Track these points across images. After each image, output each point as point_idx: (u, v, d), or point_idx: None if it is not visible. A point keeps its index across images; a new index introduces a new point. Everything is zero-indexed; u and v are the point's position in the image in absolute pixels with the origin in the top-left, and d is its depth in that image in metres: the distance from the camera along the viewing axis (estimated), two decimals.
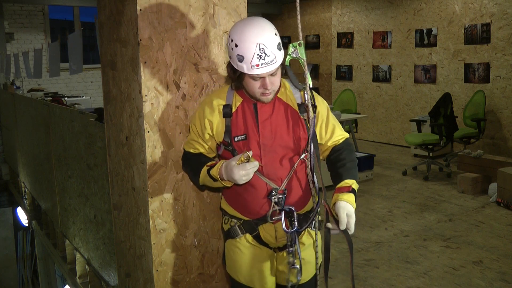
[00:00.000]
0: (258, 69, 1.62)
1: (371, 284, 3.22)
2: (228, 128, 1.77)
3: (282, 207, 1.75)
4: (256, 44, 1.60)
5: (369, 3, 8.09)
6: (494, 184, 4.92)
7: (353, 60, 8.52)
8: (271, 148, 1.77)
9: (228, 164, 1.71)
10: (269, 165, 1.76)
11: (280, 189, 1.76)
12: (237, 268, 1.87)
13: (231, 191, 1.86)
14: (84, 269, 3.79)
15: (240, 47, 1.61)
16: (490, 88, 6.43)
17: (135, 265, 2.27)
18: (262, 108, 1.78)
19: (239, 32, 1.63)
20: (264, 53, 1.60)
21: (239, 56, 1.62)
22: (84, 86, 9.35)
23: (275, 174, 1.77)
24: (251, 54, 1.60)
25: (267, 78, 1.67)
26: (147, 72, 1.96)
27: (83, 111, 3.72)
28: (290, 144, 1.78)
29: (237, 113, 1.79)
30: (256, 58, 1.60)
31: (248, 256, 1.84)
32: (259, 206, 1.79)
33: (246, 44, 1.60)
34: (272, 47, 1.62)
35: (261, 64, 1.61)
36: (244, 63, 1.62)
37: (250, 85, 1.70)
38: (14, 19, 8.68)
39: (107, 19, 2.21)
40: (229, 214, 1.89)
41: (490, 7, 6.32)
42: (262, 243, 1.84)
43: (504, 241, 3.88)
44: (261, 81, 1.68)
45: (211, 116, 1.79)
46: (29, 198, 6.00)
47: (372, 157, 5.92)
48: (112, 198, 2.47)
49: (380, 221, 4.41)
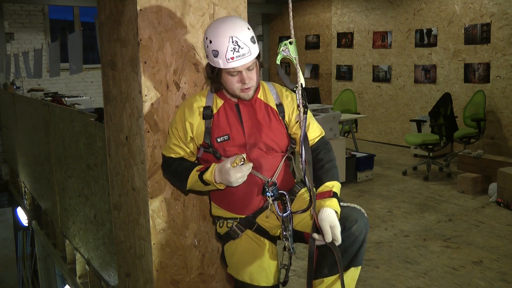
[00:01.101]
0: (233, 62, 1.65)
1: (371, 284, 3.22)
2: (208, 130, 1.79)
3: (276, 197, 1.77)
4: (229, 38, 1.63)
5: (369, 3, 8.09)
6: (494, 184, 4.92)
7: (353, 60, 8.52)
8: (256, 146, 1.80)
9: (222, 168, 1.70)
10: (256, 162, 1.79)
11: (271, 181, 1.78)
12: (240, 268, 1.85)
13: (220, 195, 1.86)
14: (84, 269, 3.79)
15: (214, 42, 1.66)
16: (490, 88, 6.43)
17: (135, 265, 2.27)
18: (245, 108, 1.81)
19: (213, 29, 1.68)
20: (237, 45, 1.64)
21: (214, 52, 1.66)
22: (84, 86, 9.35)
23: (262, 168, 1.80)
24: (225, 47, 1.64)
25: (244, 72, 1.70)
26: (147, 72, 1.96)
27: (83, 111, 3.72)
28: (274, 141, 1.82)
29: (218, 115, 1.80)
30: (230, 51, 1.64)
31: (250, 255, 1.84)
32: (252, 202, 1.81)
33: (220, 39, 1.64)
34: (245, 39, 1.66)
35: (235, 57, 1.65)
36: (220, 58, 1.66)
37: (228, 82, 1.73)
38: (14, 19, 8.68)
39: (107, 19, 2.21)
40: (223, 217, 1.89)
41: (490, 7, 6.32)
42: (263, 234, 1.86)
43: (504, 241, 3.88)
44: (239, 76, 1.71)
45: (191, 118, 1.80)
46: (29, 198, 6.00)
47: (372, 157, 5.92)
48: (112, 198, 2.47)
49: (380, 221, 4.41)
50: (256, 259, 1.83)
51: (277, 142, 1.83)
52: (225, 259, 1.92)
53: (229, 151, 1.79)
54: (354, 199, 5.09)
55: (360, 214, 1.72)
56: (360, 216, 1.70)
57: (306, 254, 1.83)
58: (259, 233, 1.86)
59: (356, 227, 1.67)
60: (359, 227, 1.67)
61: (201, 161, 1.87)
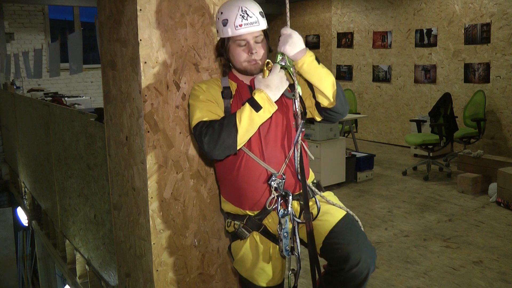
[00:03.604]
0: (241, 29, 1.72)
1: (371, 284, 3.22)
2: (228, 109, 1.79)
3: (281, 192, 1.76)
4: (238, 7, 1.72)
5: (369, 3, 8.09)
6: (494, 184, 4.92)
7: (353, 60, 8.52)
8: (269, 132, 1.79)
9: (260, 82, 1.69)
10: (269, 149, 1.78)
11: (279, 174, 1.77)
12: (243, 266, 1.87)
13: (228, 185, 1.86)
14: (84, 269, 3.79)
15: (224, 12, 1.75)
16: (490, 88, 6.43)
17: (135, 265, 2.27)
18: None
19: (225, 3, 1.79)
20: (246, 14, 1.72)
21: (223, 21, 1.74)
22: (84, 86, 9.35)
23: (274, 157, 1.79)
24: (234, 15, 1.72)
25: (252, 42, 1.75)
26: (147, 72, 1.96)
27: (83, 111, 3.72)
28: (286, 126, 1.82)
29: (236, 97, 1.83)
30: (239, 18, 1.71)
31: (256, 256, 1.84)
32: (259, 194, 1.79)
33: (230, 8, 1.74)
34: (254, 10, 1.74)
35: (244, 24, 1.72)
36: (229, 26, 1.73)
37: (236, 54, 1.77)
38: (14, 19, 8.68)
39: (107, 19, 2.21)
40: (231, 215, 1.88)
41: (490, 7, 6.32)
42: (270, 238, 1.85)
43: (504, 241, 3.88)
44: (247, 46, 1.76)
45: (214, 94, 1.79)
46: (29, 198, 6.00)
47: (372, 157, 5.93)
48: (112, 198, 2.47)
49: (380, 221, 4.41)
50: (258, 261, 1.84)
51: (288, 125, 1.83)
52: (231, 253, 1.94)
53: None
54: (354, 199, 5.10)
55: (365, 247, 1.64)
56: (365, 251, 1.63)
57: (306, 254, 1.83)
58: (266, 235, 1.85)
59: (358, 269, 1.61)
60: (361, 268, 1.61)
61: None
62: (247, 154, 1.78)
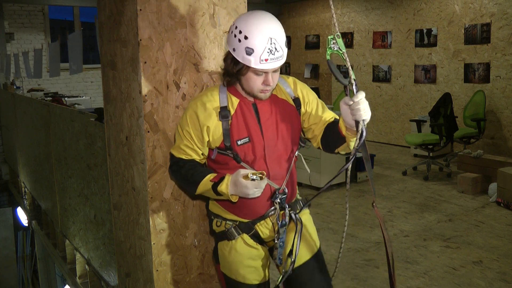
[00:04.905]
0: (266, 64, 1.58)
1: (371, 284, 3.22)
2: (227, 132, 1.70)
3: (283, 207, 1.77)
4: (268, 38, 1.56)
5: (369, 3, 8.09)
6: (494, 184, 4.92)
7: (353, 60, 8.51)
8: (274, 148, 1.76)
9: (237, 181, 1.63)
10: (273, 166, 1.76)
11: (281, 189, 1.77)
12: (233, 268, 1.85)
13: None
14: (84, 269, 3.79)
15: (251, 39, 1.56)
16: (490, 88, 6.42)
17: (135, 265, 2.27)
18: (263, 108, 1.75)
19: (250, 24, 1.57)
20: (275, 48, 1.57)
21: (248, 49, 1.57)
22: (84, 86, 9.35)
23: (278, 174, 1.78)
24: (263, 47, 1.56)
25: (270, 74, 1.64)
26: (147, 72, 1.96)
27: (83, 111, 3.72)
28: (290, 140, 1.80)
29: (236, 116, 1.72)
30: (267, 52, 1.56)
31: (244, 256, 1.83)
32: (260, 207, 1.80)
33: (259, 37, 1.56)
34: (282, 43, 1.60)
35: (270, 59, 1.58)
36: (253, 57, 1.57)
37: (251, 81, 1.65)
38: (14, 19, 8.68)
39: (107, 19, 2.21)
40: (221, 216, 1.86)
41: (490, 7, 6.32)
42: (258, 241, 1.85)
43: (504, 241, 3.88)
44: (264, 77, 1.64)
45: (207, 121, 1.70)
46: (29, 198, 6.00)
47: (372, 157, 5.92)
48: (112, 198, 2.47)
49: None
50: (250, 261, 1.84)
51: (292, 138, 1.80)
52: (217, 256, 1.90)
53: (249, 155, 1.73)
54: (354, 199, 5.10)
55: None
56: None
57: None
58: (254, 238, 1.84)
59: None
60: None
61: (215, 163, 1.78)
62: None
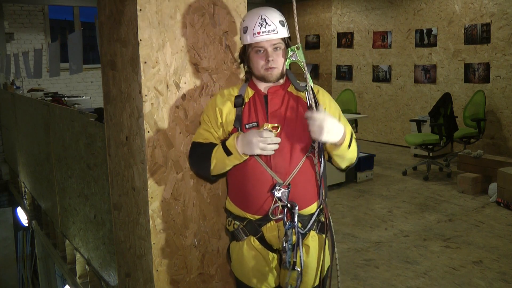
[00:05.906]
0: (259, 36, 1.76)
1: (371, 284, 3.22)
2: (238, 117, 1.82)
3: (285, 203, 1.74)
4: (259, 15, 1.78)
5: (369, 3, 8.09)
6: (494, 184, 4.92)
7: (353, 60, 8.52)
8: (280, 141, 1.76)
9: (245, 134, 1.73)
10: (277, 157, 1.76)
11: (284, 184, 1.75)
12: (240, 270, 1.88)
13: (235, 188, 1.86)
14: (84, 269, 3.79)
15: (246, 20, 1.82)
16: (490, 88, 6.43)
17: (135, 265, 2.27)
18: (273, 100, 1.83)
19: (249, 12, 1.87)
20: (265, 22, 1.77)
21: (244, 28, 1.81)
22: (84, 86, 9.35)
23: (282, 167, 1.77)
24: (254, 23, 1.77)
25: (270, 50, 1.78)
26: (147, 72, 1.96)
27: (83, 111, 3.72)
28: (299, 136, 1.79)
29: (249, 104, 1.85)
30: (258, 26, 1.76)
31: (251, 260, 1.84)
32: (262, 200, 1.78)
33: (251, 16, 1.81)
34: (274, 19, 1.79)
35: (262, 32, 1.76)
36: (248, 34, 1.79)
37: (255, 61, 1.80)
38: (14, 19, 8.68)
39: (107, 19, 2.21)
40: (233, 214, 1.88)
41: (490, 7, 6.32)
42: (265, 245, 1.83)
43: (504, 241, 3.88)
44: (264, 54, 1.78)
45: (222, 105, 1.85)
46: (29, 198, 6.00)
47: (372, 157, 5.93)
48: (112, 198, 2.47)
49: (380, 221, 4.41)
50: (256, 265, 1.84)
51: (302, 136, 1.79)
52: (229, 254, 1.94)
53: None
54: (354, 199, 5.10)
55: None
56: None
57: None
58: (262, 242, 1.83)
59: None
60: None
61: None
62: (256, 159, 1.77)
